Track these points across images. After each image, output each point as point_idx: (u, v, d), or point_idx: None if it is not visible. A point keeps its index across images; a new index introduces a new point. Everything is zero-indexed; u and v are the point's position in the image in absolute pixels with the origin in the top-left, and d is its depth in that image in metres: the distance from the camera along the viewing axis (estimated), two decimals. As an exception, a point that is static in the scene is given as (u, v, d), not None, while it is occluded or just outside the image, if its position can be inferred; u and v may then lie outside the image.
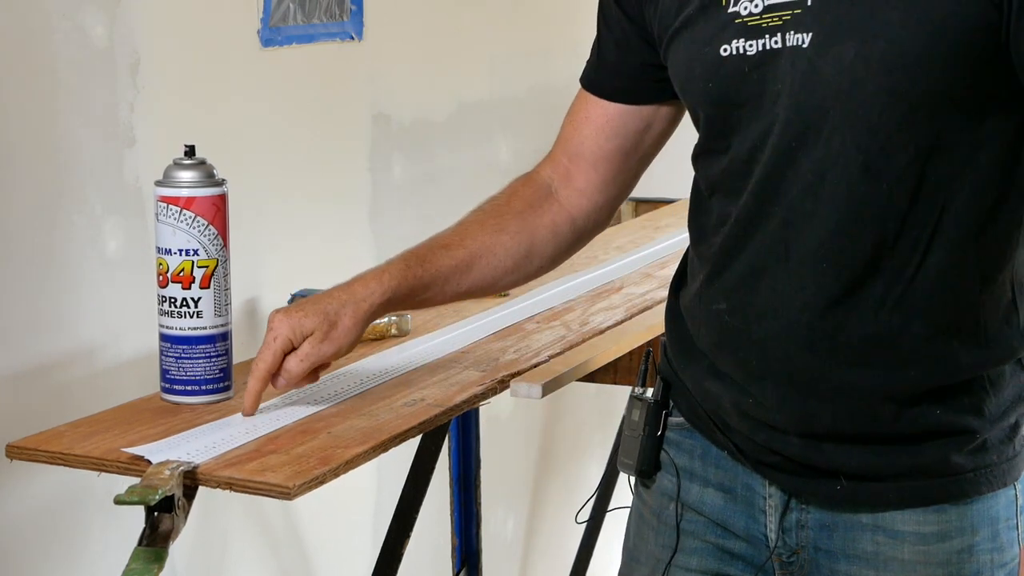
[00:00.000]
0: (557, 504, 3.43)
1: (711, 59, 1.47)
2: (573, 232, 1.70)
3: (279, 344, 1.58)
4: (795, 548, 1.53)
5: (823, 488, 1.49)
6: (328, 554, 2.53)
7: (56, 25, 1.85)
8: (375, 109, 2.52)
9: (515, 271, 1.69)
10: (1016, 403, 1.49)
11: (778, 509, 1.53)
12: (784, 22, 1.41)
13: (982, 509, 1.49)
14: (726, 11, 1.45)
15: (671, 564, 1.60)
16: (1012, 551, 1.51)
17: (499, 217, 1.68)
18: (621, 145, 1.66)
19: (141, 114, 1.98)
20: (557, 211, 1.69)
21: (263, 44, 2.21)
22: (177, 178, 1.61)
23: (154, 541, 1.37)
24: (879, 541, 1.50)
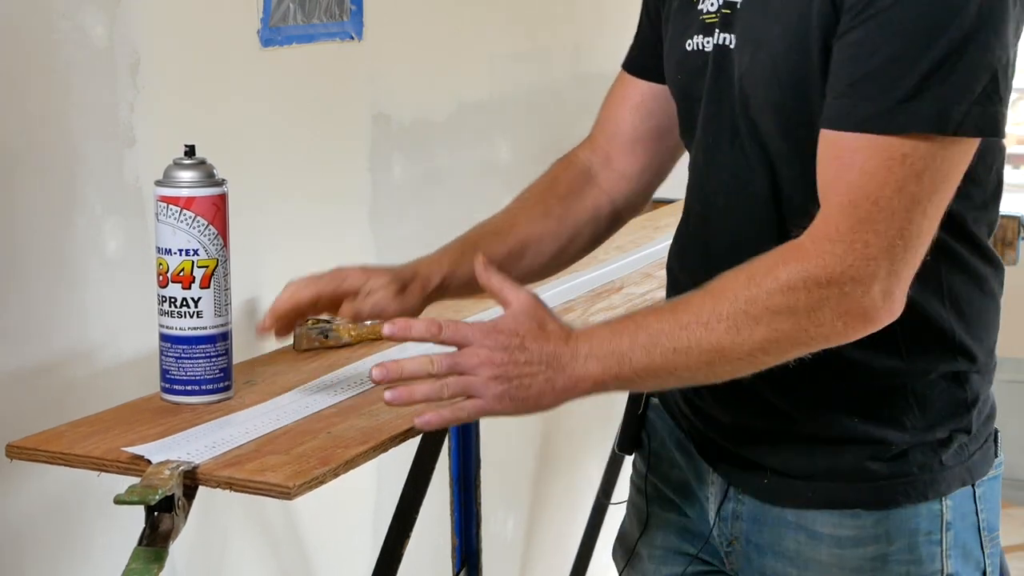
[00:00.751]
0: (557, 504, 3.43)
1: (680, 53, 1.54)
2: (612, 215, 1.73)
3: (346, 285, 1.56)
4: (731, 538, 1.58)
5: (753, 480, 1.54)
6: (328, 554, 2.53)
7: (56, 25, 1.85)
8: (375, 109, 2.52)
9: (560, 256, 1.72)
10: (948, 419, 1.49)
11: (718, 497, 1.58)
12: (723, 19, 1.46)
13: (900, 520, 1.50)
14: (695, 8, 1.52)
15: (640, 540, 1.69)
16: (932, 566, 1.51)
17: (544, 203, 1.70)
18: (657, 126, 1.68)
19: (141, 114, 1.98)
20: (598, 194, 1.71)
21: (263, 44, 2.21)
22: (177, 178, 1.61)
23: (154, 541, 1.37)
24: (800, 540, 1.53)
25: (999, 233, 2.87)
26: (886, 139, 1.31)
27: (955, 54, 1.30)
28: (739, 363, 1.38)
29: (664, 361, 1.37)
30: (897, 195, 1.32)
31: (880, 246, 1.33)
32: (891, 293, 1.35)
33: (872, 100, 1.32)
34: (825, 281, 1.33)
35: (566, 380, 1.40)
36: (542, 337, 1.41)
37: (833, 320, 1.34)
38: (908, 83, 1.31)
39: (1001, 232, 2.90)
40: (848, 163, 1.33)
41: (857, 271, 1.33)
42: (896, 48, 1.31)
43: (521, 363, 1.40)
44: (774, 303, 1.34)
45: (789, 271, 1.34)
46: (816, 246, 1.34)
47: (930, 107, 1.31)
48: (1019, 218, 2.91)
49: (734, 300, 1.35)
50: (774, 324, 1.34)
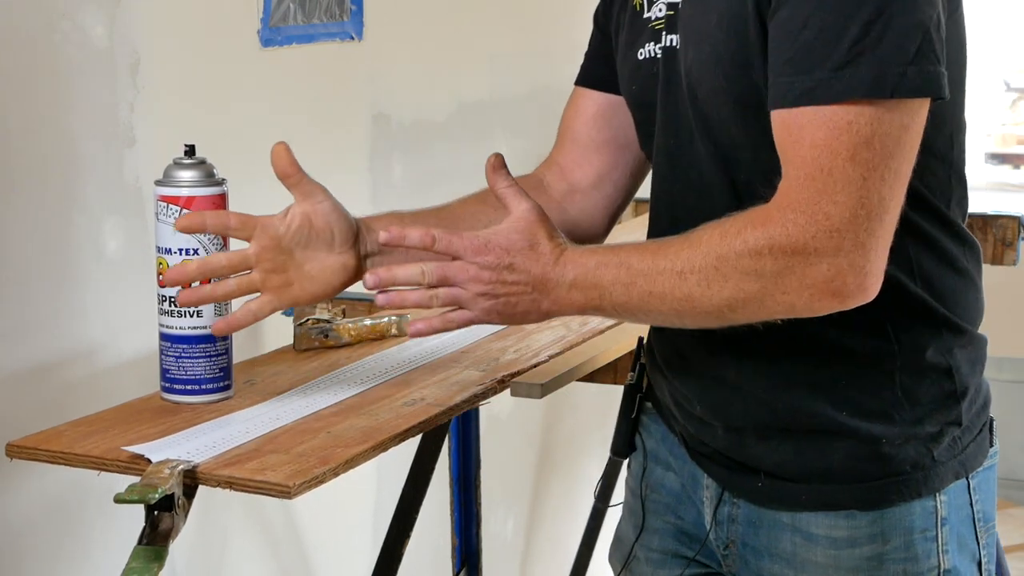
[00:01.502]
0: (557, 504, 3.43)
1: (632, 63, 1.55)
2: (562, 223, 1.68)
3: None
4: (727, 541, 1.58)
5: (747, 483, 1.54)
6: (328, 554, 2.54)
7: (56, 25, 1.85)
8: (375, 109, 2.53)
9: None
10: (937, 412, 1.49)
11: (713, 501, 1.58)
12: (668, 22, 1.50)
13: (895, 519, 1.50)
14: (642, 17, 1.54)
15: (636, 543, 1.68)
16: (929, 562, 1.51)
17: (484, 194, 1.69)
18: (614, 136, 1.69)
19: (141, 114, 1.98)
20: (544, 200, 1.68)
21: (263, 44, 2.21)
22: (177, 178, 1.61)
23: (154, 540, 1.37)
24: (796, 542, 1.53)
25: (999, 233, 2.87)
26: (829, 108, 1.32)
27: (882, 17, 1.31)
28: (707, 316, 1.41)
29: (640, 302, 1.42)
30: (850, 163, 1.32)
31: (842, 217, 1.33)
32: (861, 267, 1.34)
33: (808, 73, 1.33)
34: (790, 250, 1.34)
35: (550, 304, 1.46)
36: (532, 258, 1.45)
37: (799, 289, 1.35)
38: (840, 51, 1.32)
39: (1001, 232, 2.90)
40: (798, 138, 1.34)
41: (820, 243, 1.33)
42: (823, 18, 1.32)
43: (509, 282, 1.45)
44: (742, 264, 1.36)
45: (756, 235, 1.35)
46: (781, 214, 1.35)
47: (865, 72, 1.31)
48: (1019, 218, 2.91)
49: (706, 254, 1.38)
50: (741, 284, 1.36)
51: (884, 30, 1.31)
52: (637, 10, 1.54)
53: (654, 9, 1.52)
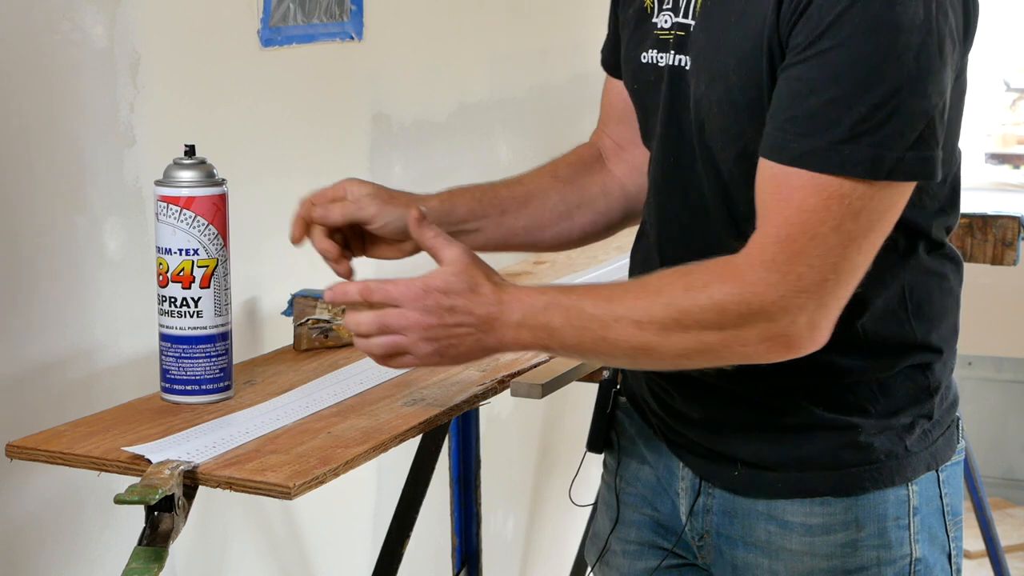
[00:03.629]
0: (557, 504, 3.43)
1: (635, 63, 1.56)
2: (624, 198, 1.74)
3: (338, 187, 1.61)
4: (702, 532, 1.60)
5: (723, 473, 1.57)
6: (328, 554, 2.53)
7: (56, 25, 1.85)
8: (375, 109, 2.52)
9: (567, 218, 1.73)
10: (911, 404, 1.53)
11: (688, 492, 1.60)
12: (676, 41, 1.48)
13: (868, 506, 1.53)
14: (650, 20, 1.54)
15: (611, 535, 1.71)
16: (901, 550, 1.54)
17: (554, 168, 1.74)
18: None
19: (141, 114, 1.98)
20: (608, 175, 1.74)
21: (263, 44, 2.21)
22: (177, 178, 1.61)
23: (154, 540, 1.37)
24: (771, 530, 1.55)
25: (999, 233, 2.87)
26: (825, 178, 1.35)
27: (891, 101, 1.33)
28: (662, 362, 1.45)
29: (593, 345, 1.43)
30: (834, 233, 1.35)
31: (813, 280, 1.36)
32: (817, 324, 1.39)
33: (809, 137, 1.35)
34: (757, 308, 1.37)
35: (496, 342, 1.46)
36: (473, 299, 1.45)
37: (757, 343, 1.39)
38: (844, 126, 1.34)
39: (1001, 232, 2.90)
40: (787, 197, 1.37)
41: (788, 302, 1.37)
42: (834, 91, 1.34)
43: (450, 325, 1.45)
44: (705, 318, 1.38)
45: (723, 291, 1.38)
46: (751, 272, 1.37)
47: (864, 152, 1.34)
48: (1019, 218, 2.91)
49: (667, 306, 1.40)
50: (701, 336, 1.39)
51: (890, 115, 1.33)
52: (647, 12, 1.55)
53: (661, 17, 1.52)
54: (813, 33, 1.34)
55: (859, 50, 1.32)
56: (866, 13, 1.32)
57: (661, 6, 1.52)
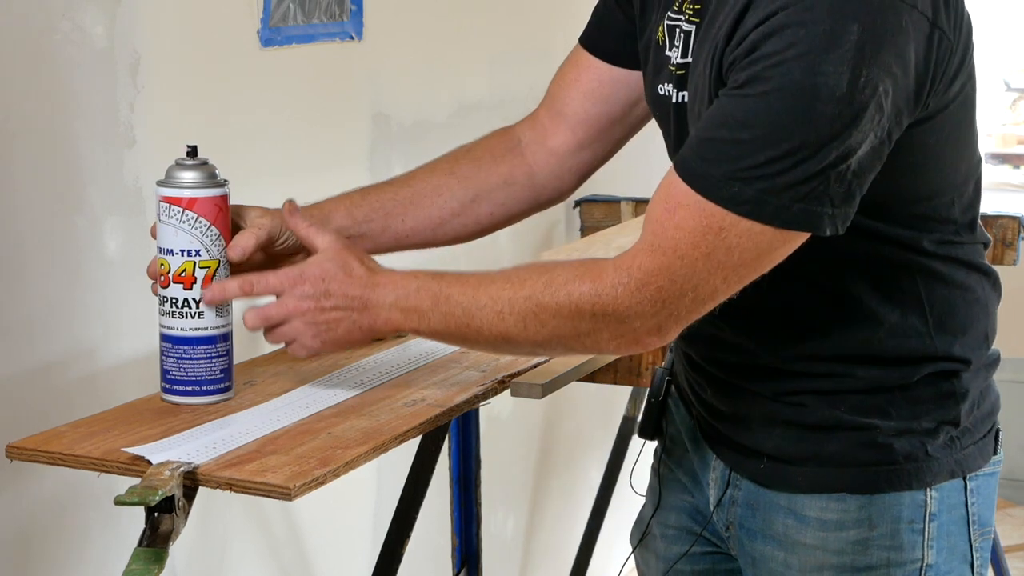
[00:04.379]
0: (557, 504, 3.43)
1: (654, 94, 1.58)
2: (530, 187, 1.76)
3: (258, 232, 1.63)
4: (728, 523, 1.63)
5: (750, 465, 1.59)
6: (328, 554, 2.53)
7: (56, 25, 1.85)
8: (375, 109, 2.52)
9: (461, 214, 1.75)
10: (934, 410, 1.53)
11: (718, 483, 1.63)
12: (678, 78, 1.53)
13: (883, 506, 1.53)
14: (664, 53, 1.55)
15: (652, 519, 1.74)
16: (913, 554, 1.54)
17: (453, 162, 1.76)
18: (608, 112, 1.72)
19: (141, 114, 1.98)
20: (517, 163, 1.75)
21: (263, 44, 2.21)
22: (179, 178, 1.61)
23: (154, 542, 1.37)
24: (788, 524, 1.57)
25: (999, 233, 2.87)
26: (710, 205, 1.36)
27: (789, 158, 1.34)
28: (520, 351, 1.58)
29: (458, 330, 1.51)
30: (704, 259, 1.38)
31: (672, 292, 1.40)
32: (666, 328, 1.43)
33: (708, 164, 1.37)
34: (611, 309, 1.42)
35: (371, 321, 1.54)
36: (347, 281, 1.54)
37: (609, 340, 1.46)
38: (741, 166, 1.35)
39: (1001, 232, 2.90)
40: (672, 209, 1.39)
41: (642, 308, 1.41)
42: (743, 133, 1.35)
43: (327, 308, 1.54)
44: (562, 313, 1.45)
45: (582, 291, 1.43)
46: (616, 275, 1.42)
47: (751, 193, 1.35)
48: (1019, 218, 2.92)
49: (528, 299, 1.46)
50: (557, 330, 1.46)
51: (785, 170, 1.34)
52: (660, 44, 1.56)
53: (672, 52, 1.54)
54: (744, 75, 1.36)
55: (775, 106, 1.34)
56: (790, 75, 1.33)
57: (672, 42, 1.53)
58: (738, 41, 1.37)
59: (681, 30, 1.51)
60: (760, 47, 1.35)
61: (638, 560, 1.81)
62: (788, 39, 1.33)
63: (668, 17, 1.53)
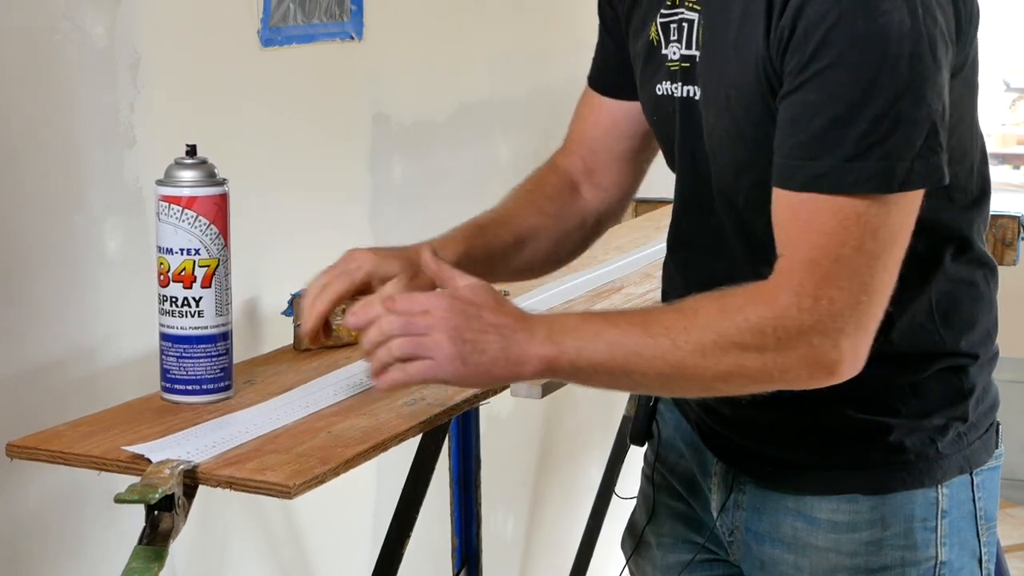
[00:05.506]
0: (557, 504, 3.43)
1: (652, 96, 1.57)
2: (595, 222, 1.76)
3: (360, 275, 1.50)
4: (732, 528, 1.62)
5: (754, 469, 1.58)
6: (328, 554, 2.53)
7: (56, 25, 1.85)
8: (375, 109, 2.52)
9: (554, 253, 1.73)
10: (944, 406, 1.53)
11: (720, 488, 1.62)
12: (684, 72, 1.49)
13: (896, 505, 1.53)
14: (660, 52, 1.55)
15: (647, 528, 1.73)
16: (927, 552, 1.54)
17: (537, 202, 1.72)
18: (632, 146, 1.73)
19: (141, 114, 1.98)
20: (583, 203, 1.74)
21: (263, 44, 2.21)
22: (179, 178, 1.61)
23: (154, 540, 1.37)
24: (798, 526, 1.56)
25: (999, 233, 2.87)
26: (839, 199, 1.34)
27: (892, 110, 1.33)
28: (696, 385, 1.41)
29: (624, 362, 1.38)
30: (857, 253, 1.35)
31: (846, 302, 1.36)
32: (858, 347, 1.38)
33: (817, 160, 1.35)
34: (795, 331, 1.36)
35: (520, 352, 1.38)
36: (500, 310, 1.40)
37: (799, 368, 1.37)
38: (850, 143, 1.33)
39: (1001, 232, 2.90)
40: (805, 223, 1.37)
41: (825, 327, 1.36)
42: (834, 110, 1.34)
43: (476, 329, 1.38)
44: (743, 341, 1.36)
45: (759, 313, 1.37)
46: (784, 297, 1.37)
47: (873, 166, 1.33)
48: (1019, 218, 2.92)
49: (704, 328, 1.37)
50: (741, 360, 1.37)
51: (893, 125, 1.33)
52: (654, 44, 1.55)
53: (670, 49, 1.52)
54: (803, 57, 1.34)
55: (851, 66, 1.32)
56: (852, 29, 1.32)
57: (668, 38, 1.52)
58: (780, 34, 1.36)
59: (682, 21, 1.50)
60: (805, 12, 1.33)
61: (632, 568, 1.80)
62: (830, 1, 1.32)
63: (661, 15, 1.53)
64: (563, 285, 2.25)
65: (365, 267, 1.51)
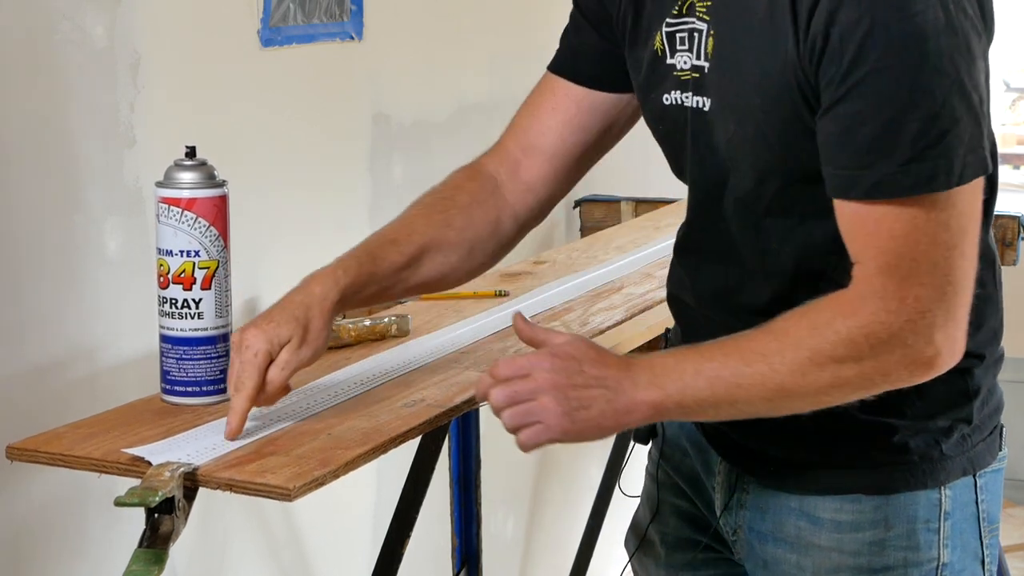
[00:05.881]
0: (557, 504, 3.43)
1: (656, 105, 1.56)
2: (514, 227, 1.71)
3: (260, 359, 1.50)
4: (735, 527, 1.62)
5: (758, 468, 1.58)
6: (328, 555, 2.53)
7: (56, 25, 1.85)
8: (375, 109, 2.52)
9: (459, 268, 1.69)
10: (950, 408, 1.53)
11: (724, 487, 1.62)
12: (694, 83, 1.51)
13: (899, 506, 1.53)
14: (665, 62, 1.53)
15: (650, 526, 1.72)
16: (929, 553, 1.54)
17: (444, 212, 1.68)
18: (584, 141, 1.68)
19: (141, 114, 1.98)
20: (502, 207, 1.69)
21: (263, 44, 2.20)
22: (178, 179, 1.61)
23: (154, 543, 1.37)
24: (801, 526, 1.56)
25: (999, 233, 2.87)
26: (904, 201, 1.35)
27: (940, 109, 1.33)
28: (801, 403, 1.42)
29: (727, 394, 1.40)
30: (932, 248, 1.36)
31: (932, 297, 1.36)
32: (953, 337, 1.38)
33: (874, 167, 1.35)
34: (887, 335, 1.37)
35: (627, 402, 1.41)
36: (600, 362, 1.42)
37: (899, 369, 1.39)
38: (905, 145, 1.34)
39: (1001, 232, 2.90)
40: (874, 230, 1.37)
41: (916, 325, 1.36)
42: (884, 115, 1.34)
43: (580, 385, 1.41)
44: (838, 354, 1.38)
45: (848, 324, 1.37)
46: (869, 304, 1.37)
47: (931, 166, 1.34)
48: (1019, 218, 2.92)
49: (798, 347, 1.38)
50: (839, 372, 1.38)
51: (943, 122, 1.33)
52: (659, 54, 1.54)
53: (678, 58, 1.51)
54: (842, 66, 1.34)
55: (893, 70, 1.32)
56: (888, 32, 1.32)
57: (674, 47, 1.51)
58: (812, 44, 1.36)
59: (691, 32, 1.49)
60: (837, 19, 1.33)
61: (635, 566, 1.80)
62: (862, 5, 1.32)
63: (667, 24, 1.52)
64: (563, 285, 2.25)
65: (261, 348, 1.50)
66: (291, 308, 1.54)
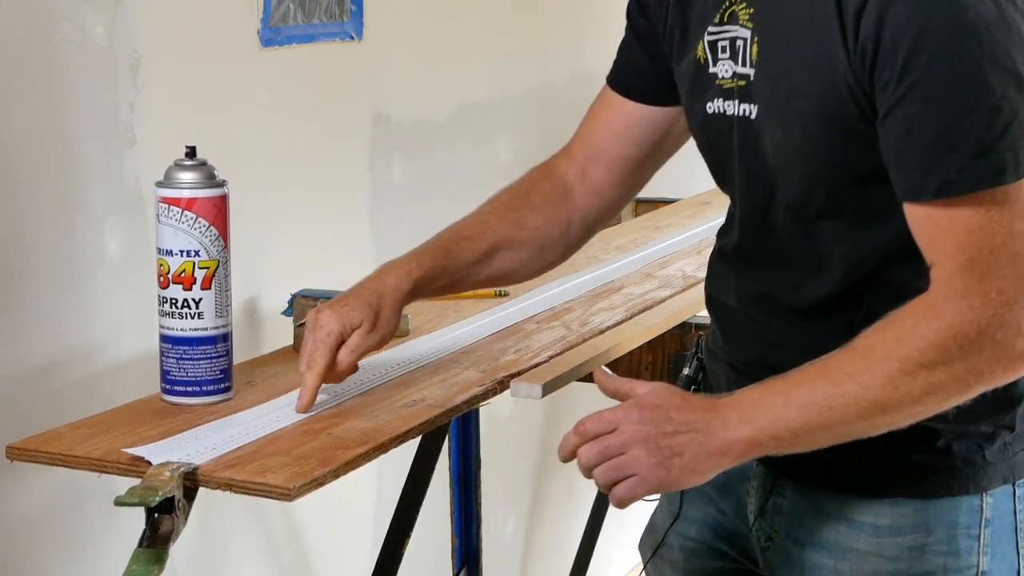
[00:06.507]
0: (557, 504, 3.43)
1: (700, 114, 1.56)
2: (583, 229, 1.76)
3: (333, 339, 1.59)
4: (770, 533, 1.59)
5: (799, 471, 1.55)
6: (328, 555, 2.53)
7: (56, 25, 1.85)
8: (375, 109, 2.52)
9: (529, 265, 1.75)
10: (993, 413, 1.51)
11: (759, 491, 1.60)
12: (740, 91, 1.50)
13: (940, 511, 1.51)
14: (707, 71, 1.53)
15: (670, 530, 1.70)
16: (969, 559, 1.52)
17: (518, 211, 1.73)
18: (638, 152, 1.71)
19: (141, 114, 1.98)
20: (572, 210, 1.74)
21: (263, 44, 2.20)
22: (178, 179, 1.61)
23: (154, 542, 1.37)
24: (839, 530, 1.54)
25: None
26: (976, 196, 1.34)
27: (1001, 102, 1.32)
28: (897, 416, 1.40)
29: (820, 419, 1.39)
30: (1010, 238, 1.35)
31: (1015, 288, 1.35)
32: None
33: (942, 166, 1.34)
34: (975, 334, 1.35)
35: (719, 443, 1.40)
36: (687, 407, 1.42)
37: (991, 366, 1.37)
38: (971, 140, 1.33)
39: None
40: (949, 228, 1.36)
41: (1003, 319, 1.35)
42: (944, 113, 1.33)
43: (669, 433, 1.40)
44: (928, 359, 1.36)
45: (933, 328, 1.36)
46: (951, 304, 1.36)
47: (1000, 157, 1.33)
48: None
49: (886, 360, 1.37)
50: (930, 378, 1.36)
51: (1006, 114, 1.32)
52: (701, 63, 1.54)
53: (720, 67, 1.51)
54: (896, 68, 1.34)
55: (950, 66, 1.32)
56: (940, 30, 1.31)
57: (717, 56, 1.51)
58: (863, 48, 1.35)
59: (733, 39, 1.49)
60: (886, 21, 1.33)
61: (649, 571, 1.78)
62: (910, 4, 1.32)
63: (708, 32, 1.51)
64: (563, 285, 2.25)
65: (334, 330, 1.60)
66: (365, 295, 1.63)
